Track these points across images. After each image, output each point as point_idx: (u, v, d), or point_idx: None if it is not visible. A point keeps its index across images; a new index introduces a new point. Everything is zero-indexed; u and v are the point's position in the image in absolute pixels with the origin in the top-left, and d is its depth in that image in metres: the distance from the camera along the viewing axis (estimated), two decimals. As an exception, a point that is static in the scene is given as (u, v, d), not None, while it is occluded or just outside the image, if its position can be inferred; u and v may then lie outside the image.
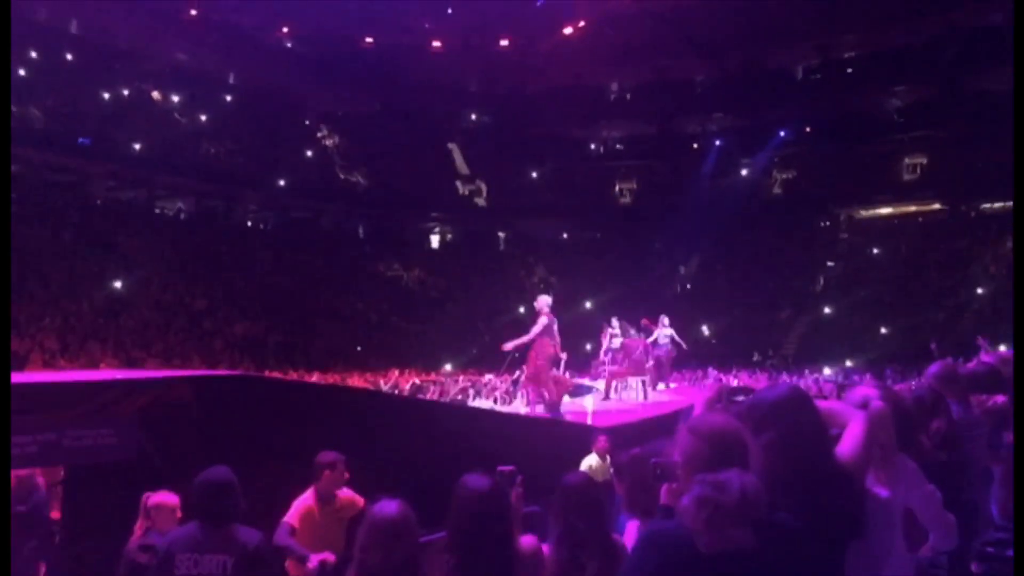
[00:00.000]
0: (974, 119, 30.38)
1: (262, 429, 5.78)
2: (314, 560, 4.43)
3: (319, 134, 40.01)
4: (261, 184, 34.81)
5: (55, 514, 6.96)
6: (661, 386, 15.25)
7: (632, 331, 13.73)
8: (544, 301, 10.50)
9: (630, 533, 3.19)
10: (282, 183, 35.32)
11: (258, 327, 27.25)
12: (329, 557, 4.38)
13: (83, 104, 31.23)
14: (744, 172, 37.46)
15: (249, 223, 36.95)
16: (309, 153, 38.61)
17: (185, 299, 26.87)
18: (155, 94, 34.95)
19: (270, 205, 36.72)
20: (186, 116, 35.31)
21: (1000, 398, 4.16)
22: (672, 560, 1.84)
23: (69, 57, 32.13)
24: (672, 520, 1.96)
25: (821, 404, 2.54)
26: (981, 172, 29.74)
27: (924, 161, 34.50)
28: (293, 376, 19.40)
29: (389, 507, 2.61)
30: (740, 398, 2.80)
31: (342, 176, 39.32)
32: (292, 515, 4.84)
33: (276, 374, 19.00)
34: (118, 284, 25.57)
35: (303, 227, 37.58)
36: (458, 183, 41.51)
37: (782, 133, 35.68)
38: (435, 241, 41.96)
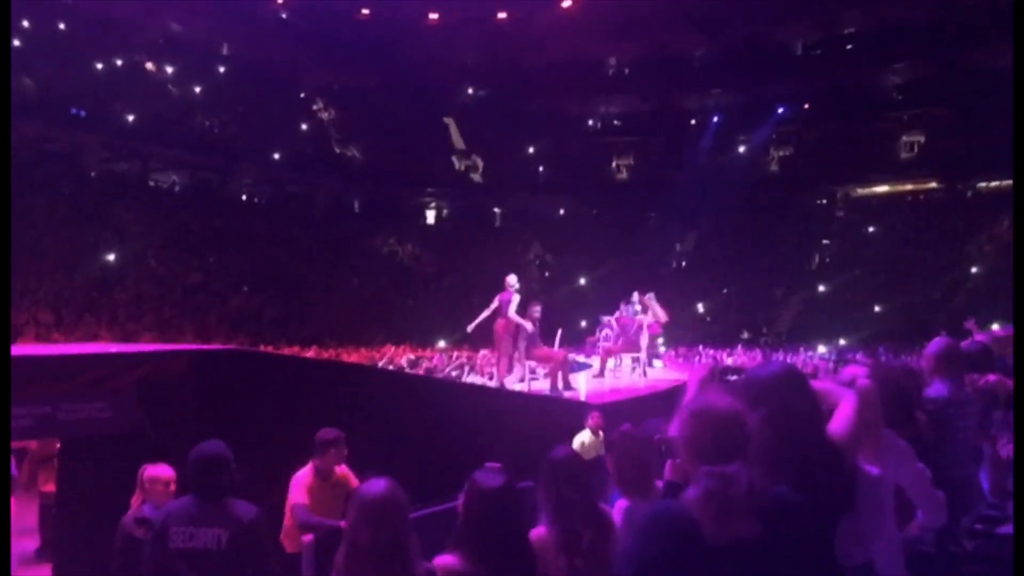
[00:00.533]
0: (973, 97, 30.32)
1: (257, 404, 5.79)
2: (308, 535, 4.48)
3: (314, 107, 39.72)
4: (256, 157, 34.62)
5: (50, 487, 7.01)
6: (659, 363, 15.29)
7: (635, 306, 13.71)
8: (506, 281, 10.88)
9: (618, 511, 3.22)
10: (277, 157, 35.12)
11: (253, 301, 27.25)
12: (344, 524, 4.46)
13: (76, 75, 30.92)
14: (742, 149, 37.37)
15: (244, 196, 36.79)
16: (304, 127, 38.37)
17: (179, 273, 26.82)
18: (149, 65, 34.61)
19: (265, 179, 36.54)
20: (180, 88, 35.01)
21: (992, 377, 4.19)
22: (676, 546, 1.85)
23: (62, 27, 31.76)
24: (676, 501, 1.97)
25: (813, 384, 2.56)
26: (978, 151, 29.72)
27: (922, 139, 34.44)
28: (288, 350, 19.42)
29: (377, 485, 2.64)
30: (732, 377, 2.82)
31: (337, 150, 39.10)
32: (300, 494, 4.87)
33: (270, 348, 19.02)
34: (112, 257, 25.51)
35: (298, 201, 37.43)
36: (454, 158, 41.32)
37: (780, 110, 35.55)
38: (431, 216, 41.84)
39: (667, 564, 1.84)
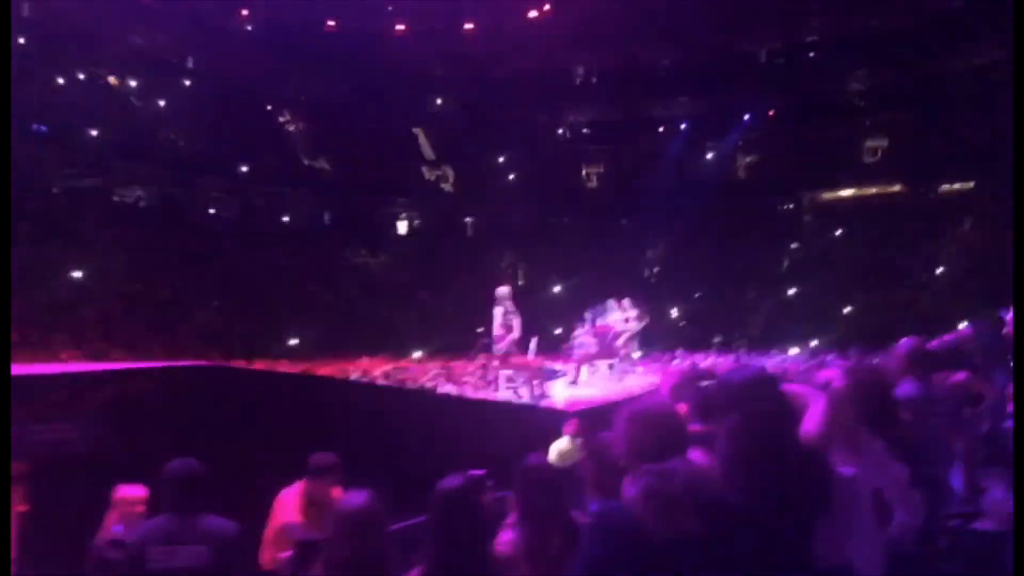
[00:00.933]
0: (934, 101, 30.96)
1: (230, 419, 5.72)
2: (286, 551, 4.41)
3: (281, 119, 39.45)
4: (223, 171, 34.29)
5: (20, 508, 6.85)
6: (639, 370, 15.41)
7: (616, 312, 13.81)
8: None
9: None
10: (245, 170, 34.80)
11: (223, 316, 26.96)
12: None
13: (37, 90, 30.40)
14: (709, 156, 37.76)
15: (212, 211, 36.37)
16: (272, 139, 38.06)
17: (147, 289, 26.45)
18: (112, 79, 34.15)
19: (233, 192, 36.18)
20: (144, 102, 34.58)
21: (960, 375, 4.26)
22: (623, 546, 1.85)
23: (21, 42, 31.24)
24: (616, 501, 1.98)
25: (785, 387, 2.58)
26: (940, 154, 30.32)
27: (885, 144, 35.04)
28: (259, 364, 19.21)
29: (357, 499, 2.61)
30: (705, 383, 2.84)
31: (306, 162, 38.86)
32: (292, 513, 4.83)
33: (242, 363, 18.81)
34: (78, 274, 25.12)
35: (267, 214, 37.11)
36: (424, 169, 41.26)
37: (746, 117, 35.99)
38: (402, 227, 41.70)
39: (612, 563, 1.86)
